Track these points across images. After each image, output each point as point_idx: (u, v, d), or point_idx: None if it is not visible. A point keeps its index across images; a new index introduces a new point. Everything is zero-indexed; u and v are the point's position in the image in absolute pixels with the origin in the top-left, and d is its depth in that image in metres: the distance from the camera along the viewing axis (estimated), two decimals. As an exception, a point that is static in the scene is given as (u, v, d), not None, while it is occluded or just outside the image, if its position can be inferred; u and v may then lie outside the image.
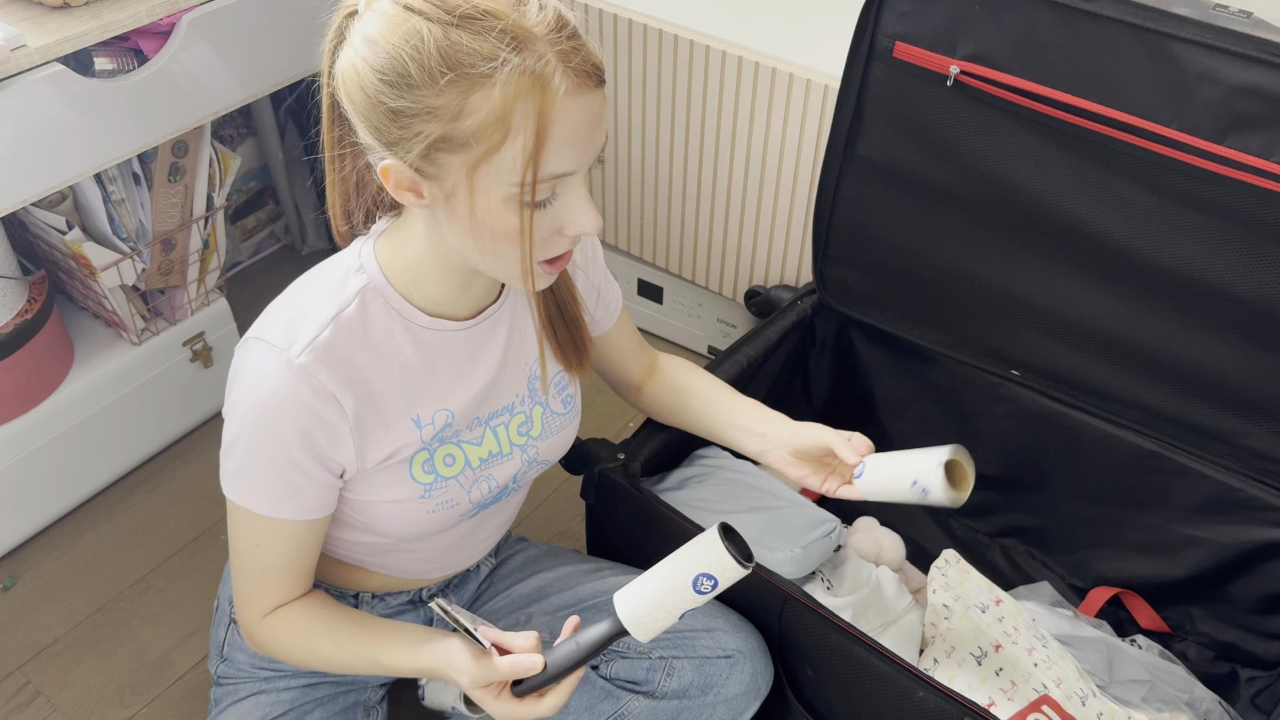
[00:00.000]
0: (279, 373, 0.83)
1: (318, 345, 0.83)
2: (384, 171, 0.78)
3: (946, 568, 1.20)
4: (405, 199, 0.79)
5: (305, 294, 0.87)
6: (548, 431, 1.03)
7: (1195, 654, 1.32)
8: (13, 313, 1.36)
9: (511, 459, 1.00)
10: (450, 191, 0.77)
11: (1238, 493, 1.22)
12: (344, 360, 0.85)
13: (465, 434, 0.95)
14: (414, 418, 0.91)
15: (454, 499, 0.96)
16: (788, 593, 1.06)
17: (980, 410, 1.38)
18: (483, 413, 0.96)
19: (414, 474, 0.93)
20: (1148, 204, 1.10)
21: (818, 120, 1.39)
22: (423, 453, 0.92)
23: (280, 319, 0.85)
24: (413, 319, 0.88)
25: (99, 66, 1.22)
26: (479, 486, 0.97)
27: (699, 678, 1.06)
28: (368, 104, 0.75)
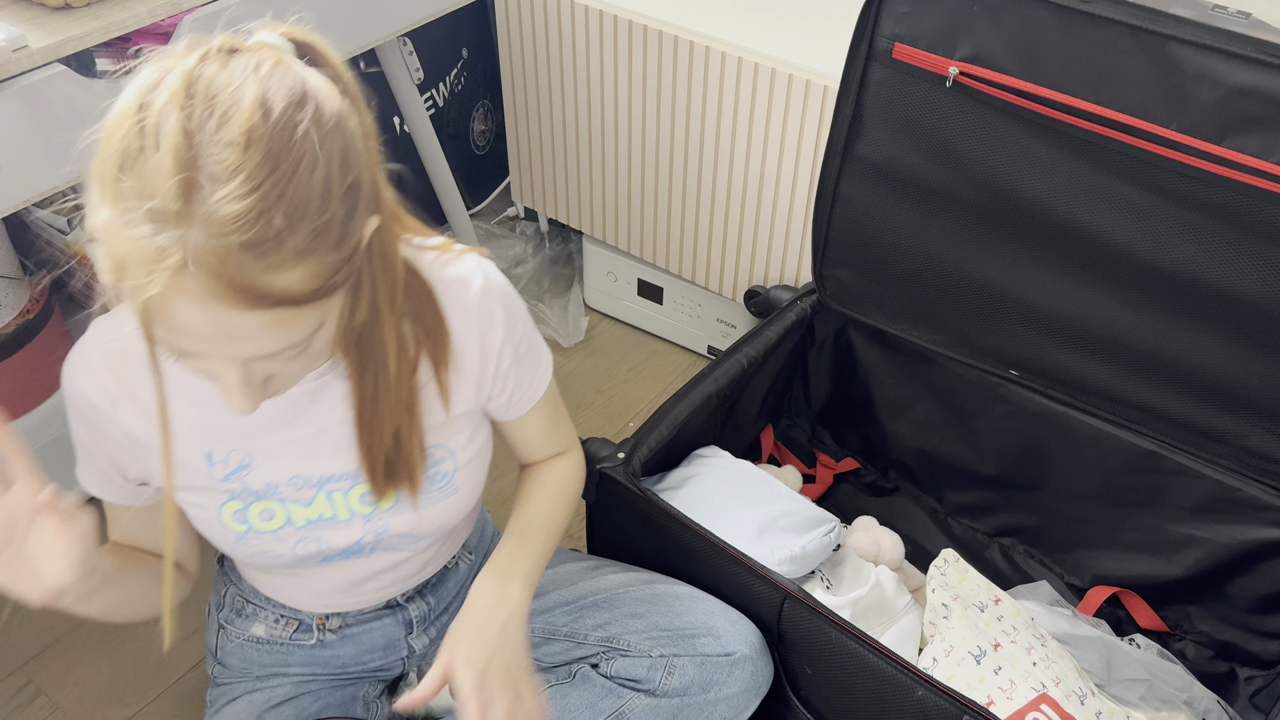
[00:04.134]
0: (78, 357, 0.83)
1: (107, 349, 0.82)
2: None
3: (945, 567, 1.20)
4: None
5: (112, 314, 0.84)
6: (403, 507, 0.92)
7: (1194, 653, 1.33)
8: (14, 313, 1.36)
9: (350, 526, 0.91)
10: None
11: (1236, 492, 1.22)
12: (126, 371, 0.82)
13: (289, 492, 0.88)
14: (207, 453, 0.86)
15: (272, 550, 0.90)
16: (787, 591, 1.07)
17: (979, 410, 1.39)
18: (311, 473, 0.88)
19: (224, 520, 0.89)
20: (1146, 204, 1.10)
21: (817, 120, 1.39)
22: (234, 503, 0.88)
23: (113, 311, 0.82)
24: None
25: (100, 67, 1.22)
26: (304, 545, 0.91)
27: (700, 676, 1.06)
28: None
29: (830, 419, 1.58)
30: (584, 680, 1.09)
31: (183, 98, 0.61)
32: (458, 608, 1.15)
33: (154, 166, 0.60)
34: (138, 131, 0.61)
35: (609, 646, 1.10)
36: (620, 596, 1.13)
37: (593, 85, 1.60)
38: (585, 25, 1.54)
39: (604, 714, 1.06)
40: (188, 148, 0.60)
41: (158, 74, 0.64)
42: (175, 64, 0.64)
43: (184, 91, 0.62)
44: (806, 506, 1.24)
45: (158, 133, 0.61)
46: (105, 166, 0.62)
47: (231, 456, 0.87)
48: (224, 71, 0.64)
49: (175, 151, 0.60)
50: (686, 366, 1.83)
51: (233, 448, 0.87)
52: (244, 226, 0.60)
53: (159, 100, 0.61)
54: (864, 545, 1.35)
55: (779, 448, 1.58)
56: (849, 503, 1.53)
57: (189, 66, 0.63)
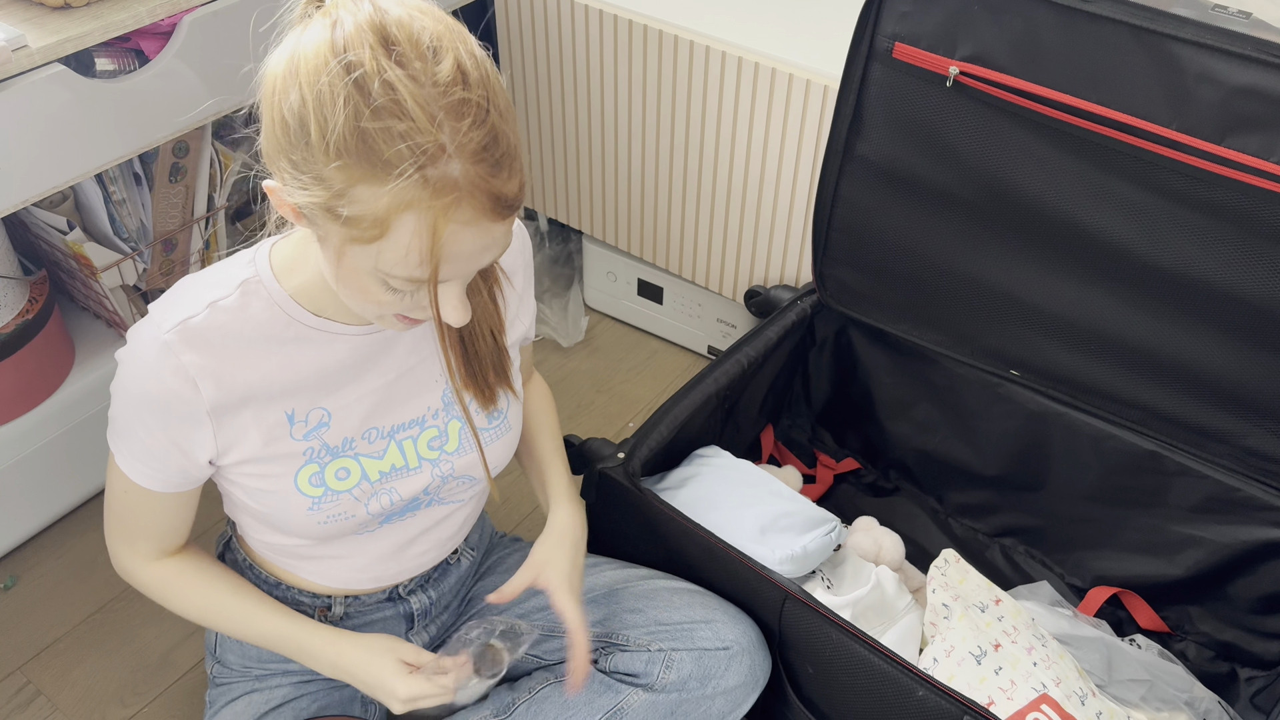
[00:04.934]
0: (145, 346, 0.84)
1: (187, 327, 0.84)
2: (268, 189, 0.77)
3: (946, 567, 1.20)
4: (286, 214, 0.78)
5: (197, 278, 0.88)
6: (467, 447, 0.99)
7: (1194, 653, 1.33)
8: (14, 313, 1.36)
9: (420, 473, 0.97)
10: (323, 238, 0.76)
11: (1237, 492, 1.22)
12: (212, 347, 0.85)
13: (363, 446, 0.93)
14: (288, 412, 0.89)
15: (347, 511, 0.93)
16: (788, 592, 1.07)
17: (980, 410, 1.39)
18: (384, 424, 0.93)
19: (300, 486, 0.91)
20: (1147, 204, 1.10)
21: (817, 120, 1.39)
22: (311, 466, 0.91)
23: (169, 296, 0.87)
24: (297, 317, 0.87)
25: (100, 67, 1.22)
26: (378, 499, 0.95)
27: (698, 669, 1.06)
28: (269, 132, 0.74)
29: (830, 419, 1.58)
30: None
31: (385, 46, 0.68)
32: (456, 606, 1.16)
33: (397, 116, 0.67)
34: (355, 89, 0.67)
35: (607, 642, 1.10)
36: (618, 592, 1.13)
37: (593, 85, 1.60)
38: (585, 25, 1.54)
39: (602, 711, 1.06)
40: (420, 91, 0.67)
41: (325, 31, 0.69)
42: (343, 16, 0.69)
43: (382, 40, 0.68)
44: (807, 506, 1.24)
45: (388, 86, 0.67)
46: (328, 133, 0.68)
47: (311, 414, 0.90)
48: (400, 11, 0.70)
49: (414, 97, 0.67)
50: (686, 366, 1.83)
51: (312, 405, 0.90)
52: (490, 146, 0.69)
53: (363, 55, 0.67)
54: (864, 546, 1.35)
55: (779, 448, 1.58)
56: (849, 503, 1.53)
57: (367, 17, 0.69)
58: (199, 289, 0.87)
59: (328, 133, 0.68)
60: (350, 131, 0.68)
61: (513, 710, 1.09)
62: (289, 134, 0.71)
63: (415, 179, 0.68)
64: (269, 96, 0.73)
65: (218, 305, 0.85)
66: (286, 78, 0.71)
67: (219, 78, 1.31)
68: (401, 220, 0.69)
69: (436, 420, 0.97)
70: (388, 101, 0.67)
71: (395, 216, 0.69)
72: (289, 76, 0.70)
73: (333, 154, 0.68)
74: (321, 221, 0.73)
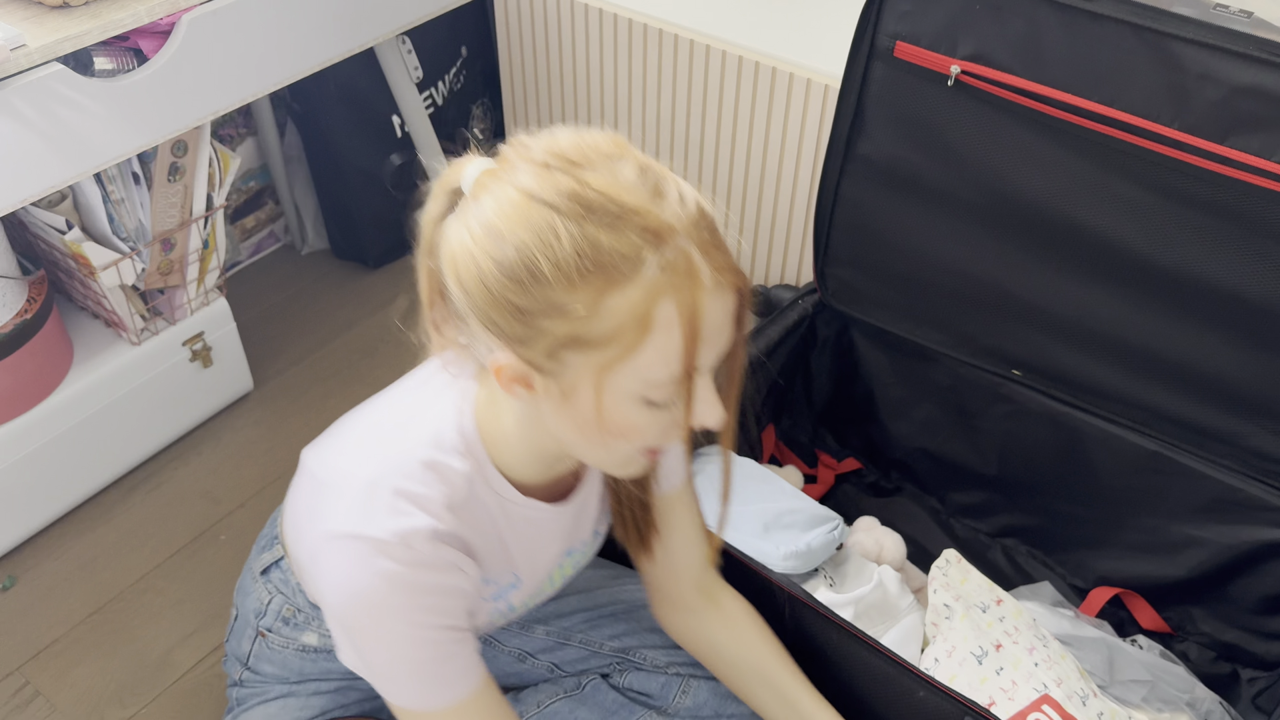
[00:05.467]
0: (401, 565, 0.77)
1: (439, 533, 0.79)
2: (497, 370, 0.73)
3: (947, 567, 1.20)
4: (514, 392, 0.74)
5: (394, 473, 0.80)
6: (587, 555, 1.01)
7: (1196, 654, 1.32)
8: (12, 312, 1.36)
9: (554, 587, 1.00)
10: (569, 388, 0.72)
11: (1239, 493, 1.22)
12: (458, 539, 0.82)
13: (514, 595, 0.94)
14: (487, 579, 0.88)
15: (490, 623, 0.95)
16: (789, 592, 1.06)
17: (981, 410, 1.38)
18: (548, 565, 0.95)
19: None
20: (1148, 204, 1.10)
21: (818, 120, 1.39)
22: (485, 604, 0.91)
23: (373, 511, 0.78)
24: (510, 498, 0.85)
25: (98, 66, 1.22)
26: (515, 612, 0.97)
27: (713, 698, 1.05)
28: (488, 299, 0.69)
29: (832, 419, 1.58)
30: (594, 692, 1.08)
31: (573, 165, 0.69)
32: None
33: (617, 212, 0.67)
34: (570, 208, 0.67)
35: (624, 658, 1.09)
36: (640, 610, 1.11)
37: (593, 84, 1.60)
38: (585, 24, 1.54)
39: None
40: (624, 184, 0.69)
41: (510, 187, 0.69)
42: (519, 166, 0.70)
43: (568, 162, 0.69)
44: (810, 504, 1.24)
45: (596, 191, 0.68)
46: (560, 258, 0.67)
47: (502, 577, 0.90)
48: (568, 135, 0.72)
49: (623, 191, 0.68)
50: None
51: (511, 572, 0.90)
52: (701, 217, 0.71)
53: (561, 180, 0.68)
54: (866, 545, 1.35)
55: (780, 448, 1.58)
56: (851, 503, 1.52)
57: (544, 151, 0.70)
58: (420, 490, 0.79)
59: (560, 260, 0.67)
60: (582, 245, 0.67)
61: None
62: (515, 287, 0.68)
63: (656, 264, 0.67)
64: (471, 272, 0.70)
65: (454, 504, 0.81)
66: (488, 243, 0.69)
67: (218, 77, 1.31)
68: (660, 311, 0.68)
69: (584, 547, 0.99)
70: (603, 204, 0.67)
71: (654, 309, 0.68)
72: (491, 240, 0.68)
73: (574, 276, 0.67)
74: (571, 361, 0.70)
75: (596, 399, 0.72)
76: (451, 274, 0.71)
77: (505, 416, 0.82)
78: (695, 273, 0.68)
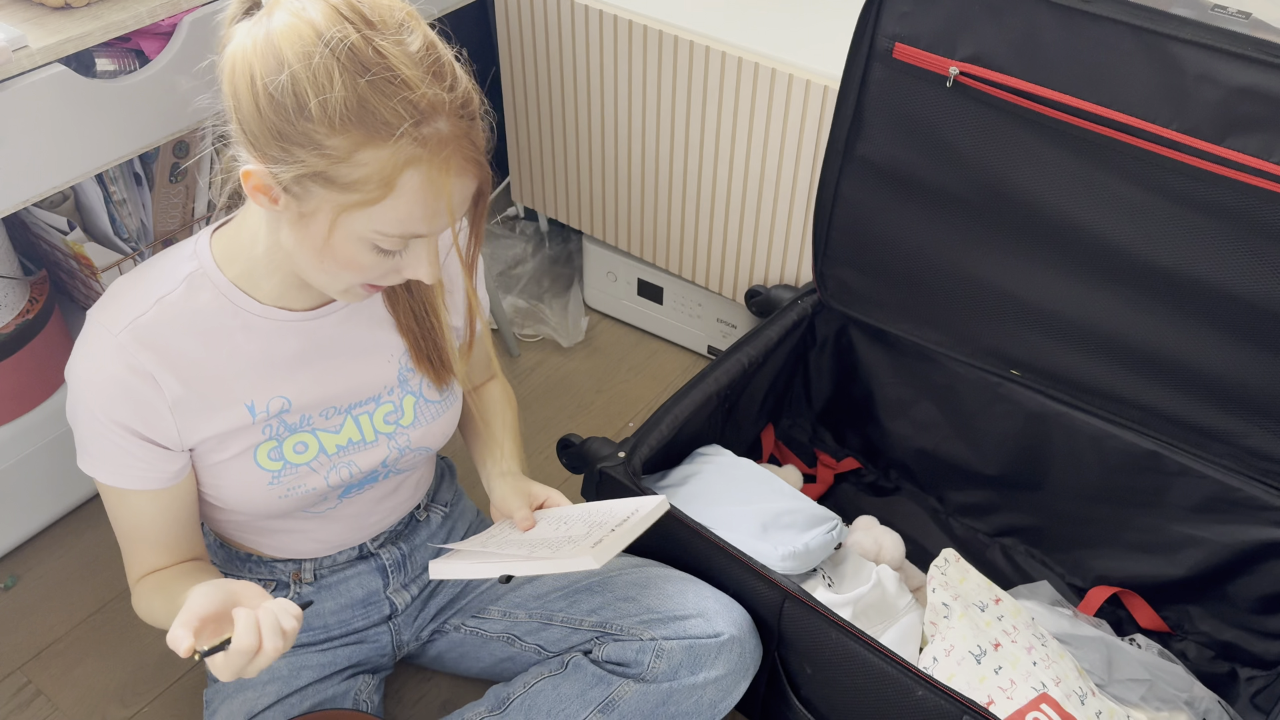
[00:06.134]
0: (99, 349, 0.86)
1: (138, 325, 0.86)
2: (246, 174, 0.79)
3: (946, 566, 1.20)
4: (258, 200, 0.80)
5: (138, 278, 0.90)
6: (421, 420, 1.04)
7: (1194, 653, 1.33)
8: (14, 313, 1.36)
9: (376, 446, 1.01)
10: (308, 213, 0.79)
11: (1237, 492, 1.22)
12: (164, 341, 0.87)
13: (320, 422, 0.97)
14: (248, 404, 0.92)
15: (307, 484, 0.98)
16: (788, 591, 1.07)
17: (980, 410, 1.39)
18: (341, 402, 0.98)
19: (259, 461, 0.95)
20: (1147, 204, 1.10)
21: (818, 120, 1.39)
22: (269, 442, 0.95)
23: (110, 300, 0.88)
24: (244, 306, 0.90)
25: (100, 67, 1.22)
26: (337, 472, 0.99)
27: (688, 658, 1.06)
28: (252, 112, 0.76)
29: (831, 418, 1.58)
30: (575, 669, 1.09)
31: (366, 22, 0.74)
32: (421, 560, 1.19)
33: (391, 80, 0.73)
34: (350, 61, 0.73)
35: (602, 631, 1.11)
36: (613, 580, 1.14)
37: (593, 85, 1.60)
38: (585, 25, 1.54)
39: (594, 703, 1.06)
40: (406, 57, 0.74)
41: (297, 16, 0.74)
42: (307, 3, 0.74)
43: (361, 18, 0.74)
44: (809, 504, 1.24)
45: (380, 54, 0.73)
46: (329, 104, 0.73)
47: (272, 404, 0.93)
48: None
49: (402, 63, 0.74)
50: (686, 366, 1.83)
51: (272, 395, 0.93)
52: (466, 104, 0.78)
53: (348, 31, 0.73)
54: (865, 545, 1.35)
55: (780, 447, 1.58)
56: (850, 502, 1.53)
57: (334, 2, 0.74)
58: (143, 286, 0.88)
59: (329, 104, 0.73)
60: (351, 98, 0.73)
61: (508, 705, 1.09)
62: (281, 111, 0.74)
63: (413, 137, 0.74)
64: (244, 81, 0.76)
65: (165, 300, 0.87)
66: (266, 60, 0.74)
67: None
68: (405, 177, 0.75)
69: (392, 396, 1.01)
70: (381, 68, 0.73)
71: (400, 174, 0.75)
72: (270, 59, 0.74)
73: (336, 123, 0.73)
74: (315, 192, 0.77)
75: (329, 231, 0.79)
76: (227, 76, 0.78)
77: (246, 237, 0.88)
78: (446, 153, 0.76)
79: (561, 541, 0.96)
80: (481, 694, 1.16)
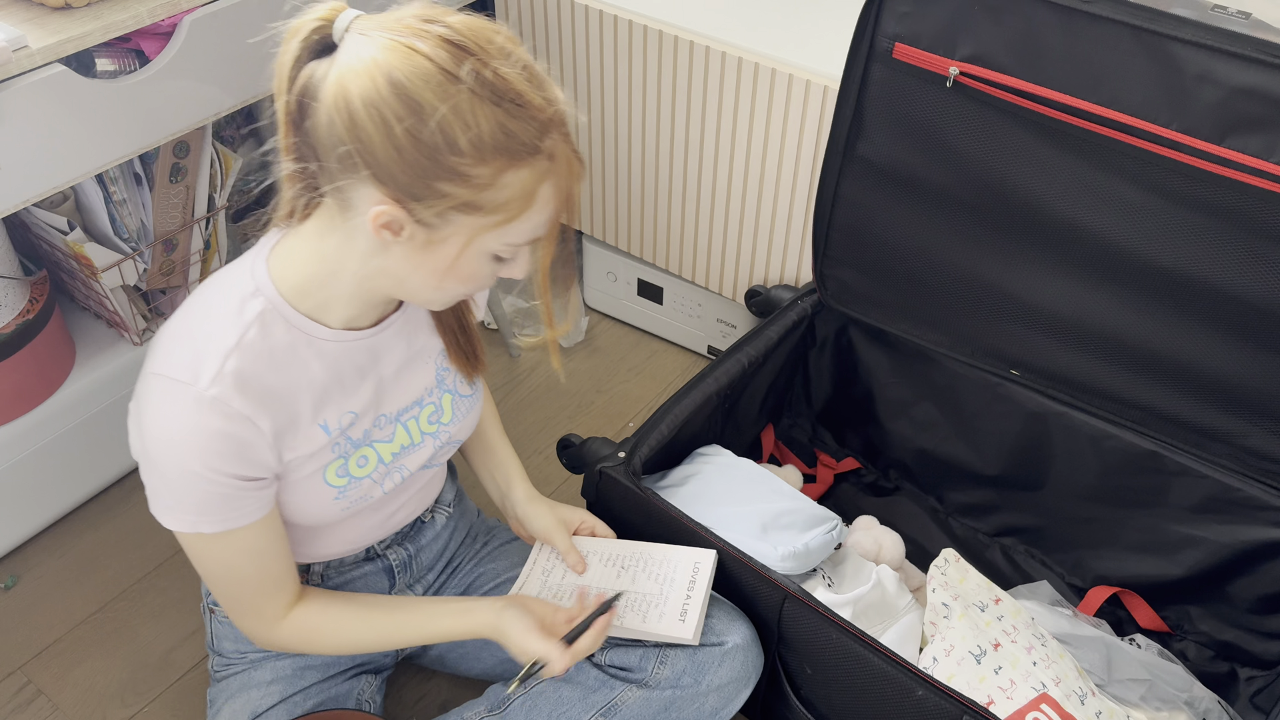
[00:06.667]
0: (188, 409, 0.84)
1: (224, 375, 0.85)
2: (376, 215, 0.79)
3: (946, 566, 1.20)
4: (380, 236, 0.81)
5: (200, 322, 0.88)
6: (458, 415, 1.07)
7: (1194, 653, 1.33)
8: (14, 313, 1.36)
9: (423, 447, 1.04)
10: (438, 240, 0.81)
11: (1237, 492, 1.22)
12: (253, 383, 0.87)
13: (376, 433, 0.99)
14: (322, 424, 0.93)
15: (367, 494, 1.00)
16: (787, 591, 1.07)
17: (980, 410, 1.39)
18: (390, 410, 0.99)
19: (328, 479, 0.96)
20: (1147, 204, 1.10)
21: (818, 120, 1.39)
22: (338, 460, 0.96)
23: (179, 351, 0.86)
24: (316, 335, 0.91)
25: (100, 67, 1.22)
26: (391, 478, 1.02)
27: (691, 665, 1.06)
28: (391, 157, 0.76)
29: (831, 418, 1.58)
30: (578, 672, 1.10)
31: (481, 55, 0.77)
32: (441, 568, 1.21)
33: (522, 105, 0.77)
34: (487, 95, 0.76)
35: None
36: None
37: (593, 85, 1.60)
38: (585, 25, 1.54)
39: (597, 707, 1.07)
40: (523, 81, 0.78)
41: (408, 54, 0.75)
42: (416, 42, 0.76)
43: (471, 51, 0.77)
44: (809, 504, 1.24)
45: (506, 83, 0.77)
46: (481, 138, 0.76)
47: (341, 420, 0.95)
48: (455, 19, 0.79)
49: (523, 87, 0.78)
50: (686, 366, 1.83)
51: (342, 411, 0.95)
52: (564, 116, 0.82)
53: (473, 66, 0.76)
54: (865, 545, 1.35)
55: (780, 447, 1.58)
56: (850, 502, 1.53)
57: (442, 33, 0.77)
58: (207, 330, 0.87)
59: (478, 138, 0.76)
60: (496, 129, 0.76)
61: (508, 706, 1.09)
62: (428, 151, 0.76)
63: (545, 152, 0.79)
64: (377, 127, 0.76)
65: (244, 343, 0.86)
66: (401, 104, 0.75)
67: (219, 78, 1.31)
68: (542, 190, 0.81)
69: (433, 397, 1.03)
70: (509, 93, 0.77)
71: (538, 189, 0.80)
72: (403, 103, 0.75)
73: (488, 154, 0.77)
74: (454, 220, 0.80)
75: (459, 252, 0.82)
76: (344, 123, 0.76)
77: (309, 264, 0.88)
78: (570, 160, 0.82)
79: (636, 599, 1.08)
80: (481, 693, 1.16)
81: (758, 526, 1.18)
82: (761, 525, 1.19)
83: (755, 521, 1.19)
